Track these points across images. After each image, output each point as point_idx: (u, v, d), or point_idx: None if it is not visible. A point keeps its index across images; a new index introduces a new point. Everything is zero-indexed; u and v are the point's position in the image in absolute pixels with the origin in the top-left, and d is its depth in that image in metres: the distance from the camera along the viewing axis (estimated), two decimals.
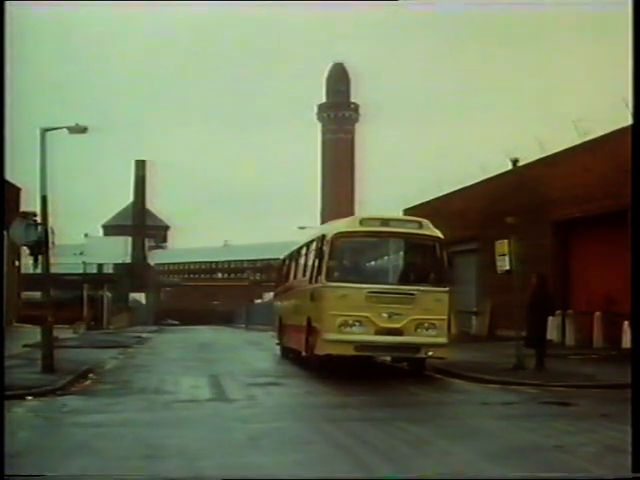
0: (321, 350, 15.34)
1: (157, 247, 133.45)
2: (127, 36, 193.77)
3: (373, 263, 17.18)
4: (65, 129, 16.83)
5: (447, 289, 15.55)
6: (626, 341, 20.07)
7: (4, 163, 9.52)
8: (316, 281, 15.83)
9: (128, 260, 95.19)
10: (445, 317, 15.45)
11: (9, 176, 22.29)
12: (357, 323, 14.88)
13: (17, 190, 32.28)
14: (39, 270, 16.33)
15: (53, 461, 7.82)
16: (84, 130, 17.17)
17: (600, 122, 23.33)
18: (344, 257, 16.06)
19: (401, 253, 16.64)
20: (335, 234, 15.73)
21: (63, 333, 27.23)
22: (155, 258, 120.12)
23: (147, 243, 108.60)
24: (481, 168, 31.58)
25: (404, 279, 15.95)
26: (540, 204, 26.58)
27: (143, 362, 20.03)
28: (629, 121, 15.69)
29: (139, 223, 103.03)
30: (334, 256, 15.44)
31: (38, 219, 15.80)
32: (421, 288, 15.30)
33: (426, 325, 15.06)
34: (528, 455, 8.13)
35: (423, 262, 16.67)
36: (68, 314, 41.21)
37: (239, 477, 7.17)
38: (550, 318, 20.98)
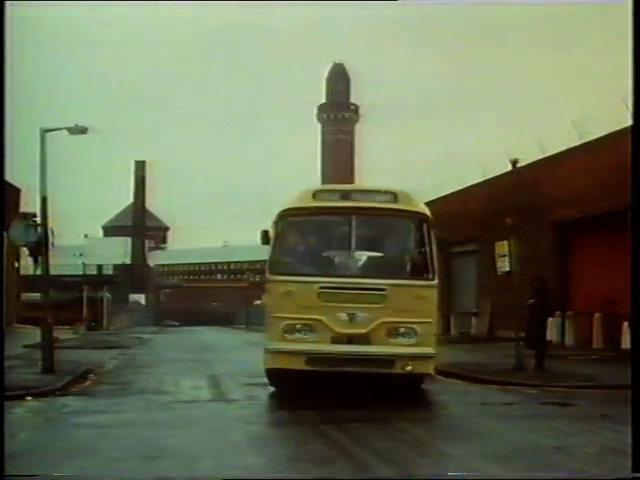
0: (265, 363, 12.30)
1: (157, 248, 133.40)
2: (127, 36, 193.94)
3: (331, 249, 12.99)
4: (65, 129, 16.86)
5: (433, 283, 12.00)
6: (626, 342, 20.06)
7: (4, 163, 9.51)
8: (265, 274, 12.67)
9: (128, 261, 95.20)
10: (430, 319, 11.96)
11: (9, 176, 22.29)
12: (307, 328, 11.69)
13: (17, 190, 32.30)
14: (39, 271, 16.35)
15: (53, 461, 7.82)
16: (84, 131, 17.21)
17: (600, 122, 23.37)
18: (292, 242, 12.72)
19: (369, 235, 12.83)
20: (280, 213, 12.27)
21: (63, 334, 27.27)
22: (155, 259, 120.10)
23: (147, 244, 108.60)
24: (481, 169, 31.66)
25: (372, 270, 12.39)
26: (540, 205, 26.58)
27: (143, 363, 20.03)
28: (629, 121, 15.69)
29: (139, 224, 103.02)
30: (280, 241, 12.19)
31: (38, 220, 15.81)
32: (395, 281, 11.86)
33: (402, 330, 11.69)
34: (528, 455, 8.13)
35: (400, 247, 13.13)
36: (68, 315, 41.25)
37: (239, 477, 7.17)
38: (550, 319, 21.01)
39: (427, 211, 12.52)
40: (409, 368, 11.71)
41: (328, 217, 12.69)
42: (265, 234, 12.43)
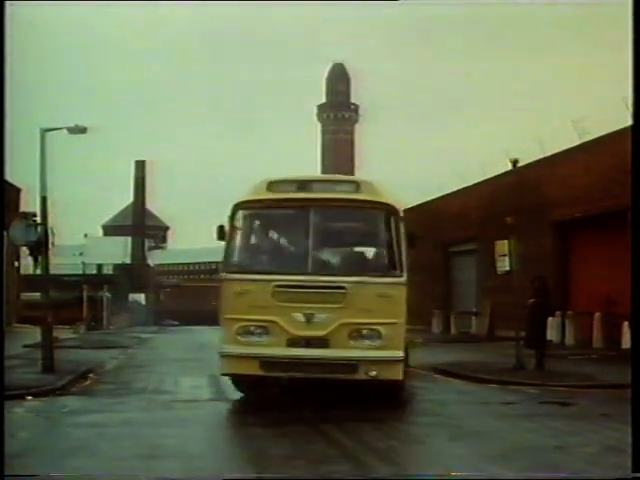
0: (220, 368, 11.50)
1: (157, 247, 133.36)
2: (127, 36, 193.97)
3: (288, 245, 12.49)
4: (65, 129, 16.87)
5: (400, 280, 11.06)
6: (626, 341, 20.06)
7: (4, 163, 9.51)
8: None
9: (128, 261, 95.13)
10: (397, 320, 11.03)
11: (9, 176, 22.30)
12: (261, 331, 10.87)
13: (17, 190, 32.30)
14: (39, 271, 16.35)
15: (53, 461, 7.82)
16: (84, 130, 17.22)
17: (600, 122, 23.37)
18: (246, 238, 11.87)
19: (328, 229, 11.95)
20: (233, 206, 11.45)
21: (63, 334, 27.24)
22: (155, 259, 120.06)
23: (147, 243, 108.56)
24: (481, 168, 31.66)
25: (332, 266, 11.69)
26: (540, 204, 26.59)
27: (143, 362, 20.02)
28: (629, 121, 15.68)
29: (139, 223, 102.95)
30: (233, 237, 11.46)
31: (38, 219, 15.82)
32: (357, 279, 10.93)
33: (365, 332, 10.78)
34: (528, 455, 8.13)
35: (362, 241, 12.57)
36: (68, 315, 41.20)
37: (239, 477, 7.17)
38: (550, 319, 21.01)
39: (394, 202, 11.52)
40: (373, 373, 10.71)
41: (284, 210, 11.78)
42: (221, 229, 11.55)
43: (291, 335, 10.75)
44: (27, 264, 29.79)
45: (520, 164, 19.94)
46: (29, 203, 25.21)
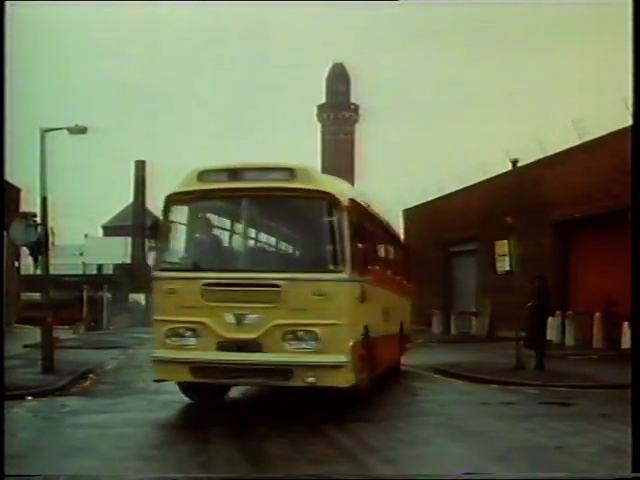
0: (153, 374, 10.63)
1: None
2: (127, 36, 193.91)
3: (219, 239, 11.32)
4: (65, 129, 16.88)
5: (341, 276, 9.93)
6: (626, 342, 20.08)
7: (4, 163, 9.50)
8: None
9: (128, 261, 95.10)
10: (338, 321, 9.86)
11: (9, 176, 22.30)
12: (190, 333, 10.01)
13: (17, 190, 32.30)
14: (39, 271, 16.36)
15: (53, 461, 7.82)
16: (84, 130, 17.22)
17: (600, 122, 23.37)
18: (177, 232, 10.93)
19: (262, 221, 11.30)
20: (165, 199, 10.65)
21: (63, 334, 27.24)
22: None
23: (147, 243, 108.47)
24: (481, 168, 31.68)
25: (265, 262, 10.81)
26: (540, 204, 26.60)
27: (143, 363, 19.98)
28: (629, 121, 15.68)
29: (139, 223, 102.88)
30: (164, 232, 10.63)
31: (38, 220, 15.81)
32: (292, 275, 9.92)
33: (300, 334, 9.78)
34: (528, 455, 8.13)
35: (299, 233, 11.61)
36: (68, 315, 41.19)
37: (239, 477, 7.17)
38: (550, 319, 21.02)
39: (336, 190, 10.40)
40: (311, 380, 9.71)
41: (215, 202, 10.91)
42: (154, 224, 10.80)
43: (221, 338, 9.84)
44: (27, 264, 29.82)
45: (520, 164, 19.93)
46: (29, 203, 25.22)
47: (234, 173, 10.47)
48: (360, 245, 10.55)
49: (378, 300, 12.56)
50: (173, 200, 10.59)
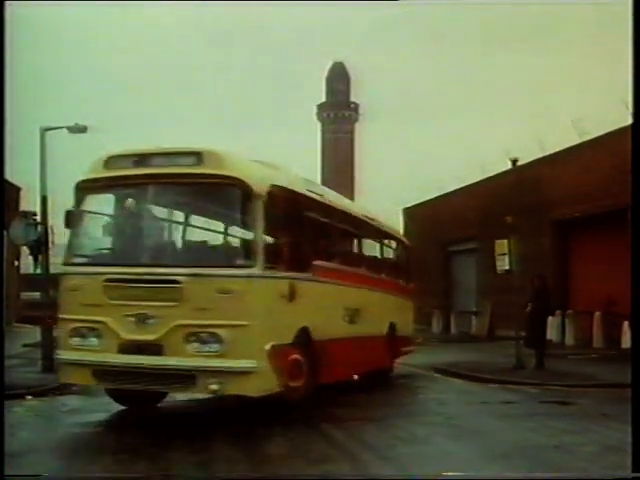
0: (59, 377, 10.31)
1: None
2: (127, 36, 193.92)
3: (125, 231, 10.29)
4: (65, 129, 16.89)
5: (251, 271, 9.00)
6: (626, 341, 20.08)
7: (4, 163, 9.48)
8: None
9: None
10: (246, 322, 8.89)
11: (9, 175, 22.29)
12: (92, 333, 9.24)
13: (17, 189, 32.28)
14: (39, 270, 16.34)
15: (53, 461, 7.82)
16: (84, 130, 17.24)
17: (600, 122, 23.38)
18: (83, 224, 10.03)
19: (169, 210, 10.39)
20: (74, 187, 9.82)
21: None
22: None
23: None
24: (481, 168, 31.67)
25: (169, 256, 9.80)
26: (540, 204, 26.60)
27: None
28: (629, 121, 15.69)
29: None
30: (72, 224, 9.88)
31: (38, 219, 15.81)
32: (193, 270, 9.01)
33: (203, 336, 8.86)
34: (528, 455, 8.13)
35: (207, 225, 10.69)
36: None
37: (240, 477, 7.17)
38: (550, 318, 21.03)
39: (250, 176, 9.34)
40: (214, 387, 8.88)
41: (120, 190, 9.86)
42: (68, 215, 10.00)
43: (122, 339, 9.02)
44: (27, 263, 29.79)
45: (520, 163, 19.95)
46: (29, 203, 25.21)
47: (141, 159, 9.58)
48: (288, 237, 9.82)
49: (335, 298, 11.65)
50: (80, 188, 9.73)
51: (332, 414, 10.52)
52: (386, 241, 16.14)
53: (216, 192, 9.59)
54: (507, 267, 17.63)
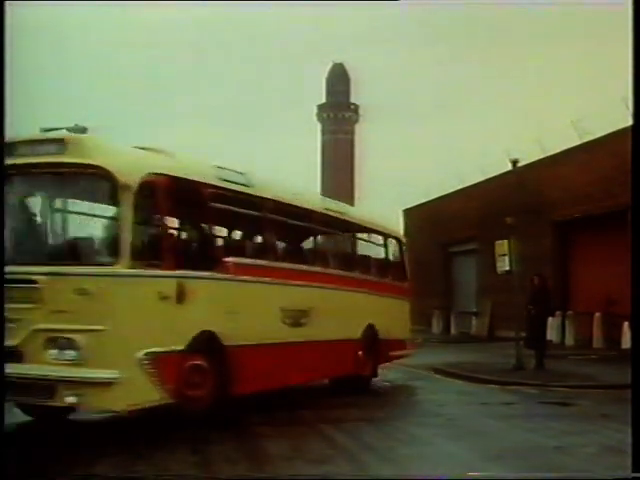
0: None
1: None
2: (127, 36, 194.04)
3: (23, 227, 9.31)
4: (65, 129, 16.90)
5: (113, 269, 8.10)
6: (626, 342, 20.09)
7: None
8: None
9: None
10: (104, 327, 7.95)
11: None
12: None
13: None
14: None
15: (53, 461, 7.80)
16: (84, 130, 17.25)
17: (600, 122, 23.38)
18: None
19: (34, 202, 9.39)
20: None
21: None
22: None
23: None
24: (481, 168, 31.68)
25: (29, 253, 8.73)
26: (540, 204, 26.60)
27: None
28: (629, 121, 15.69)
29: None
30: None
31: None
32: (50, 269, 8.10)
33: (60, 342, 7.94)
34: (528, 455, 8.12)
35: (70, 219, 9.37)
36: None
37: (240, 477, 7.17)
38: (550, 319, 21.03)
39: (119, 165, 8.35)
40: (71, 399, 7.86)
41: (13, 180, 8.79)
42: None
43: None
44: None
45: (520, 164, 19.95)
46: None
47: (11, 147, 8.62)
48: (179, 232, 9.20)
49: (264, 299, 10.56)
50: None
51: (331, 414, 10.51)
52: (366, 236, 14.77)
53: (80, 183, 8.74)
54: (507, 268, 17.64)
